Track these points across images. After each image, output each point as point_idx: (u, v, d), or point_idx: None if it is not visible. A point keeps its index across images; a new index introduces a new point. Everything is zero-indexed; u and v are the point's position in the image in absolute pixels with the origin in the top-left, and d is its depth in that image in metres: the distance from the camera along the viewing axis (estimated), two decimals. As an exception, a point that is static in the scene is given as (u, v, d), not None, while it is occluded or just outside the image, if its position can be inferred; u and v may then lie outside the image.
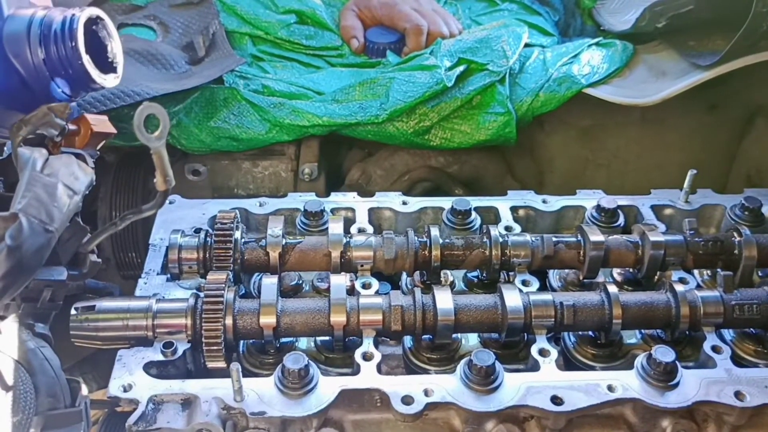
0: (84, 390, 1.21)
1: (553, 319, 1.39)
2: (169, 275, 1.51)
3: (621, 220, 1.66)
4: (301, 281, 1.59)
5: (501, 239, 1.51)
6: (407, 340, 1.44)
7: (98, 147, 1.29)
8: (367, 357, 1.34)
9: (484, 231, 1.54)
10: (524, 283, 1.50)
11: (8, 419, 1.08)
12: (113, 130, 1.30)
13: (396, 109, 1.88)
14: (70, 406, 1.18)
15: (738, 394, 1.28)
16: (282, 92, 1.97)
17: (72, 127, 1.23)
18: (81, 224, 1.25)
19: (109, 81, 1.32)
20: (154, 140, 1.05)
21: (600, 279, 1.54)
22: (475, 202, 1.68)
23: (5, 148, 1.45)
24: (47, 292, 1.22)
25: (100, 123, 1.26)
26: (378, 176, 2.11)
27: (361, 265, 1.51)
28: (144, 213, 1.21)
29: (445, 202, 1.68)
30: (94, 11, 1.29)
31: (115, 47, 1.35)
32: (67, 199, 1.09)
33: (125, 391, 1.27)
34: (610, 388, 1.29)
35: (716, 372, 1.33)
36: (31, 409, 1.11)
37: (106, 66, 1.34)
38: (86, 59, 1.26)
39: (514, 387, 1.29)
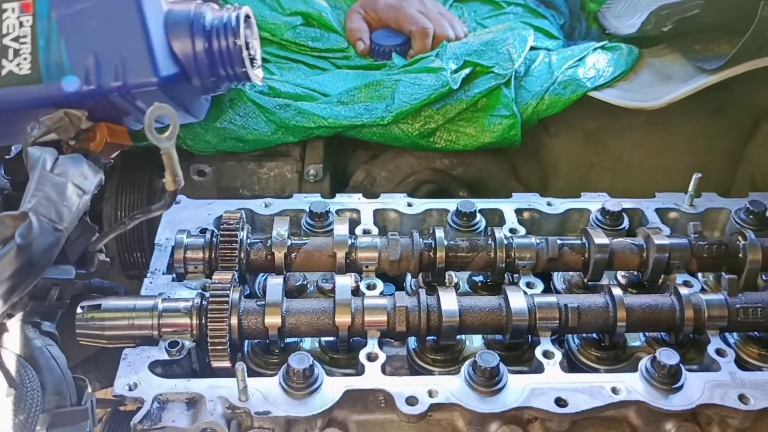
0: (89, 388, 1.21)
1: (557, 322, 1.39)
2: (174, 275, 1.52)
3: (626, 223, 1.66)
4: (306, 282, 1.60)
5: (506, 241, 1.52)
6: (411, 341, 1.44)
7: (112, 156, 1.31)
8: (371, 358, 1.34)
9: (489, 233, 1.55)
10: (529, 285, 1.51)
11: (15, 417, 1.08)
12: (130, 142, 1.32)
13: (401, 111, 1.89)
14: (76, 405, 1.19)
15: (742, 398, 1.29)
16: (288, 94, 1.97)
17: (86, 128, 1.24)
18: (89, 223, 1.26)
19: (257, 75, 1.41)
20: (164, 140, 1.05)
21: (604, 282, 1.55)
22: (480, 204, 1.68)
23: (13, 147, 1.46)
24: (55, 291, 1.23)
25: (118, 133, 1.28)
26: (382, 178, 2.11)
27: (366, 266, 1.51)
28: (153, 213, 1.22)
29: (450, 204, 1.69)
30: (248, 9, 1.34)
31: (257, 45, 1.39)
32: (77, 199, 1.10)
33: (130, 389, 1.27)
34: (614, 391, 1.29)
35: (720, 375, 1.33)
36: (37, 406, 1.11)
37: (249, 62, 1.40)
38: (246, 54, 1.31)
39: (518, 389, 1.29)
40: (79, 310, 1.33)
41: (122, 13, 1.31)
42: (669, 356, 1.30)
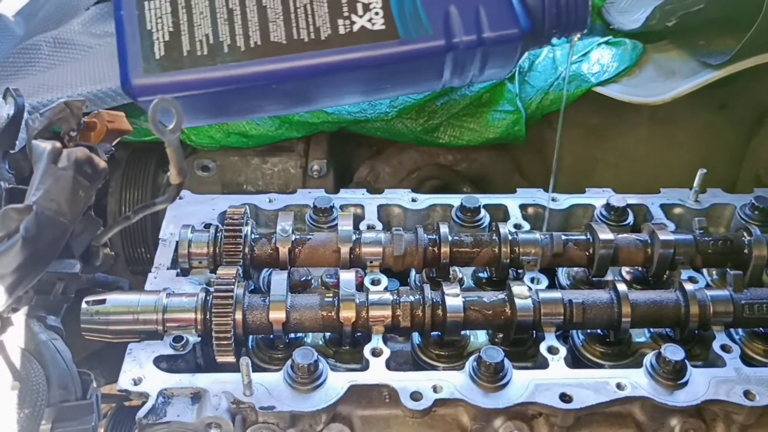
0: (95, 383, 1.21)
1: (562, 317, 1.39)
2: (179, 270, 1.52)
3: (630, 219, 1.66)
4: (310, 277, 1.60)
5: (510, 237, 1.51)
6: (415, 337, 1.44)
7: (113, 143, 1.30)
8: (376, 353, 1.34)
9: (494, 228, 1.54)
10: (533, 280, 1.50)
11: (20, 410, 1.08)
12: (129, 128, 1.30)
13: (405, 106, 1.89)
14: (81, 399, 1.19)
15: (747, 394, 1.28)
16: (291, 89, 1.97)
17: (87, 121, 1.24)
18: (94, 217, 1.26)
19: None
20: (169, 134, 1.05)
21: (609, 277, 1.55)
22: (484, 199, 1.68)
23: (17, 142, 1.46)
24: (60, 285, 1.22)
25: (117, 119, 1.26)
26: (386, 174, 2.11)
27: (371, 262, 1.51)
28: (157, 206, 1.22)
29: (454, 200, 1.68)
30: None
31: None
32: (81, 192, 1.09)
33: (135, 384, 1.27)
34: (619, 386, 1.29)
35: (725, 371, 1.33)
36: (42, 400, 1.12)
37: None
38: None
39: (523, 384, 1.29)
40: (83, 305, 1.33)
41: None
42: (674, 352, 1.30)
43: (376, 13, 1.14)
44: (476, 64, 1.22)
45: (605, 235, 1.51)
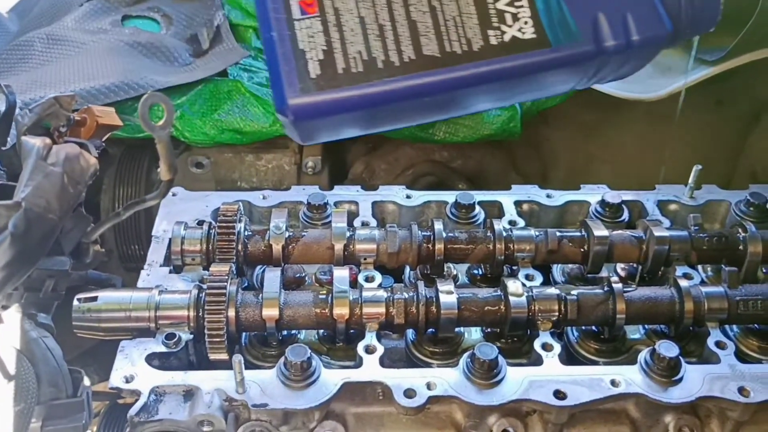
0: (86, 381, 1.21)
1: (556, 314, 1.38)
2: (171, 267, 1.51)
3: (625, 215, 1.65)
4: (304, 274, 1.59)
5: (505, 233, 1.51)
6: (410, 334, 1.43)
7: (104, 139, 1.29)
8: (369, 350, 1.34)
9: (488, 225, 1.54)
10: (528, 277, 1.50)
11: (10, 408, 1.08)
12: (119, 123, 1.30)
13: (400, 102, 1.88)
14: (71, 396, 1.18)
15: (742, 390, 1.28)
16: (286, 85, 1.96)
17: (77, 117, 1.23)
18: (84, 214, 1.25)
19: None
20: (159, 129, 1.04)
21: (603, 274, 1.54)
22: (479, 196, 1.67)
23: (9, 139, 1.45)
24: (50, 282, 1.22)
25: (107, 115, 1.26)
26: (381, 170, 2.11)
27: (365, 258, 1.50)
28: (148, 203, 1.21)
29: (449, 196, 1.68)
30: None
31: None
32: (71, 189, 1.09)
33: (127, 381, 1.26)
34: (613, 383, 1.29)
35: (720, 367, 1.33)
36: (32, 398, 1.11)
37: None
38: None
39: (517, 381, 1.29)
40: (75, 302, 1.32)
41: None
42: (668, 348, 1.29)
43: (525, 23, 1.16)
44: (616, 66, 1.25)
45: (600, 231, 1.50)
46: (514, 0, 1.16)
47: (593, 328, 1.45)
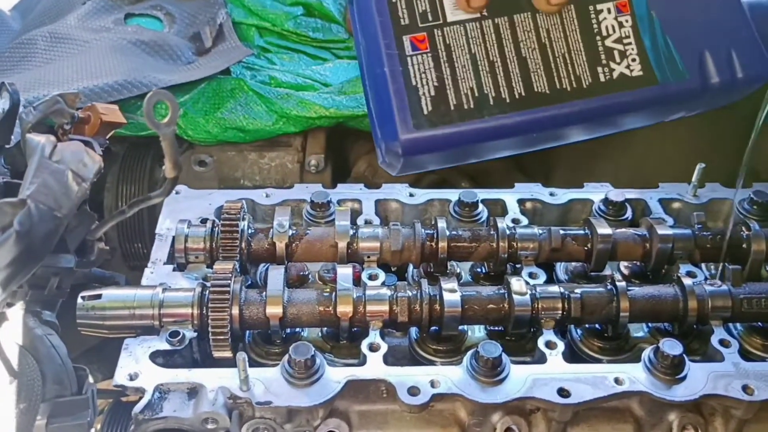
0: (90, 378, 1.21)
1: (560, 312, 1.38)
2: (175, 265, 1.51)
3: (629, 214, 1.65)
4: (307, 272, 1.59)
5: (508, 231, 1.51)
6: (413, 332, 1.43)
7: (108, 136, 1.29)
8: (373, 348, 1.34)
9: (492, 223, 1.54)
10: (531, 275, 1.50)
11: (15, 406, 1.08)
12: (123, 120, 1.30)
13: (403, 100, 1.88)
14: (76, 394, 1.18)
15: (746, 388, 1.28)
16: (289, 83, 1.97)
17: (81, 115, 1.23)
18: (89, 211, 1.25)
19: None
20: (164, 127, 1.04)
21: (607, 272, 1.54)
22: (482, 194, 1.67)
23: (12, 137, 1.45)
24: (54, 280, 1.22)
25: (111, 112, 1.26)
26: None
27: (368, 257, 1.50)
28: (152, 200, 1.21)
29: (452, 194, 1.68)
30: None
31: None
32: (76, 186, 1.09)
33: (131, 379, 1.26)
34: (617, 381, 1.29)
35: (724, 366, 1.33)
36: (37, 396, 1.11)
37: None
38: None
39: (521, 379, 1.29)
40: (79, 300, 1.32)
41: (726, 4, 1.28)
42: (672, 347, 1.29)
43: (633, 60, 1.19)
44: (718, 100, 1.28)
45: (604, 229, 1.50)
46: (623, 38, 1.19)
47: (597, 326, 1.45)
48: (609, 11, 1.20)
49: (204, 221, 1.55)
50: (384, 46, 1.15)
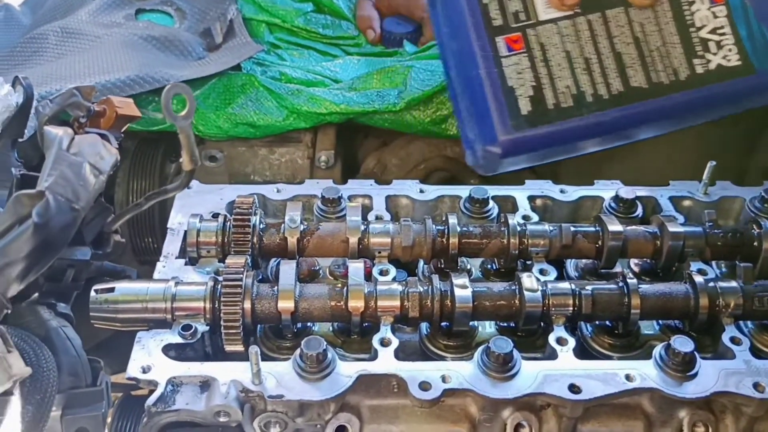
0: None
1: (571, 308, 1.38)
2: (187, 259, 1.52)
3: (639, 211, 1.65)
4: (318, 267, 1.59)
5: (519, 228, 1.51)
6: (423, 328, 1.44)
7: (123, 130, 1.30)
8: (384, 343, 1.34)
9: (502, 220, 1.54)
10: (542, 272, 1.50)
11: (32, 397, 1.09)
12: (138, 114, 1.31)
13: (414, 97, 1.88)
14: (91, 386, 1.19)
15: (757, 386, 1.28)
16: (299, 79, 1.97)
17: (97, 108, 1.24)
18: (105, 204, 1.26)
19: None
20: (181, 120, 1.05)
21: (617, 269, 1.54)
22: (493, 190, 1.67)
23: (25, 131, 1.46)
24: (70, 272, 1.22)
25: (126, 106, 1.26)
26: (393, 165, 2.11)
27: (379, 252, 1.51)
28: (169, 193, 1.22)
29: (463, 191, 1.68)
30: None
31: None
32: (93, 179, 1.09)
33: (144, 372, 1.27)
34: (628, 378, 1.29)
35: (735, 363, 1.33)
36: (53, 387, 1.12)
37: None
38: None
39: (532, 375, 1.29)
40: (93, 294, 1.33)
41: None
42: (683, 344, 1.29)
43: (730, 50, 1.19)
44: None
45: (614, 226, 1.50)
46: (717, 28, 1.18)
47: (607, 323, 1.45)
48: (702, 2, 1.20)
49: (215, 216, 1.55)
50: (478, 48, 1.15)
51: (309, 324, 1.45)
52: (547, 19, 1.16)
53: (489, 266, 1.61)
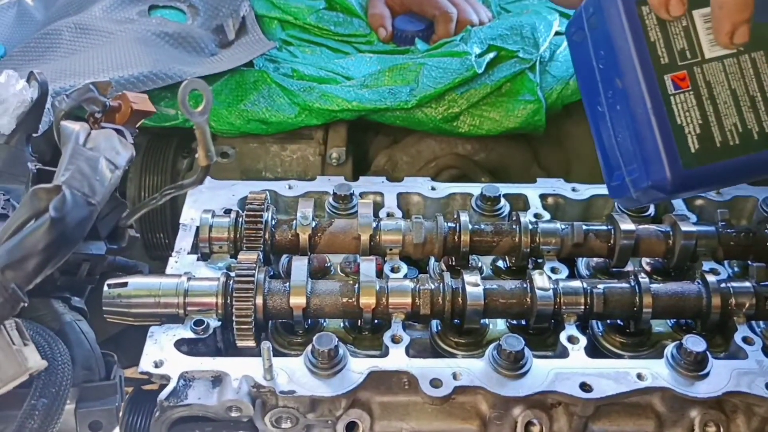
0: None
1: (582, 307, 1.38)
2: (199, 255, 1.53)
3: (651, 210, 1.65)
4: (329, 264, 1.60)
5: (531, 226, 1.51)
6: (434, 325, 1.44)
7: (137, 125, 1.31)
8: (395, 340, 1.34)
9: (514, 218, 1.54)
10: (553, 270, 1.50)
11: (46, 390, 1.09)
12: (153, 109, 1.31)
13: (426, 94, 1.88)
14: (104, 379, 1.20)
15: (769, 386, 1.28)
16: (311, 76, 1.97)
17: (113, 103, 1.25)
18: (120, 199, 1.27)
19: None
20: (197, 115, 1.06)
21: (628, 268, 1.54)
22: (504, 188, 1.67)
23: (40, 126, 1.47)
24: (85, 266, 1.23)
25: (141, 101, 1.27)
26: (404, 163, 2.11)
27: (390, 249, 1.51)
28: (185, 188, 1.23)
29: (474, 189, 1.68)
30: None
31: None
32: (109, 173, 1.10)
33: (157, 366, 1.28)
34: (639, 377, 1.29)
35: (747, 363, 1.32)
36: (68, 380, 1.12)
37: None
38: None
39: (543, 373, 1.29)
40: (105, 288, 1.34)
41: None
42: (695, 343, 1.29)
43: None
44: None
45: (626, 225, 1.50)
46: None
47: (618, 321, 1.45)
48: None
49: (228, 212, 1.56)
50: (646, 86, 1.16)
51: (320, 320, 1.46)
52: (713, 57, 1.17)
53: (500, 264, 1.60)
